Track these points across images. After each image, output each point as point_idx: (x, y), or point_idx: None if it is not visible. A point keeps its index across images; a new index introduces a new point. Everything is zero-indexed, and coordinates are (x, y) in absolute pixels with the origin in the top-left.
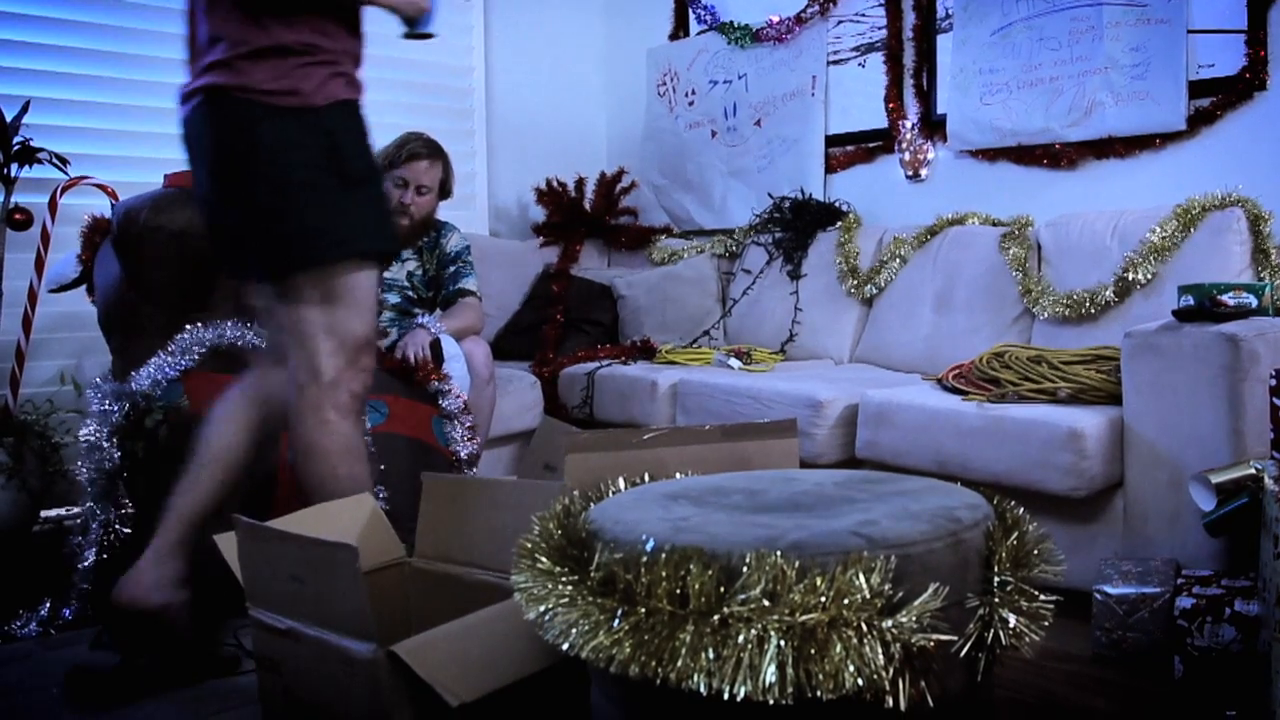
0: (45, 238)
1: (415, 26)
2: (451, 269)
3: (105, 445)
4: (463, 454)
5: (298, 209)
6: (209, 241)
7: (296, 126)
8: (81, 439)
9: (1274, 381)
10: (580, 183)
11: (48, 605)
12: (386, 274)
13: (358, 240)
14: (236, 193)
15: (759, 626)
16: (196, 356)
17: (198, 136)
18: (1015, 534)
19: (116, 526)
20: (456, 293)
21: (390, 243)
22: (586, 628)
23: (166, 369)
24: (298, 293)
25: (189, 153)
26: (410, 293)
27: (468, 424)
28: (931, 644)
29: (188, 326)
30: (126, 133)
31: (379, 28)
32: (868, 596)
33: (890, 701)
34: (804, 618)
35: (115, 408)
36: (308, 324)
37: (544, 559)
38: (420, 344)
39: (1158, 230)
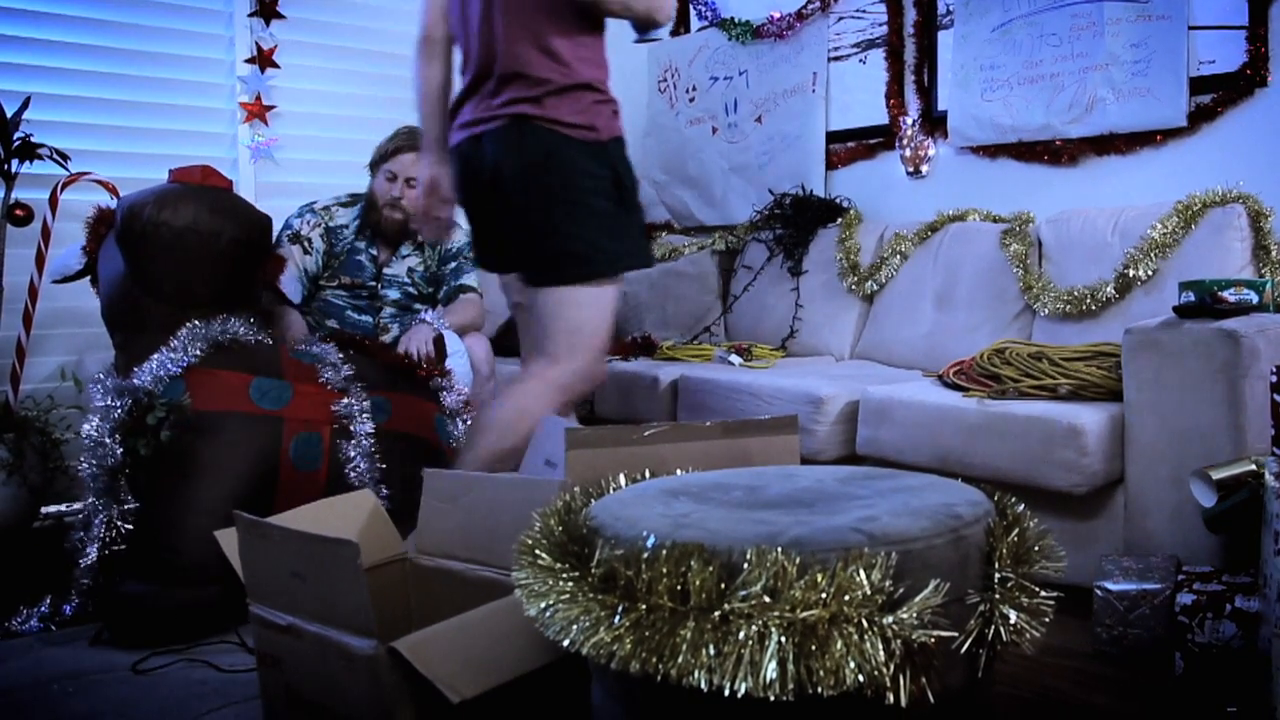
0: (46, 233)
1: (648, 31)
2: (453, 265)
3: (107, 441)
4: None
5: (589, 231)
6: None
7: (592, 158)
8: (84, 435)
9: (1275, 378)
10: None
11: (48, 601)
12: (387, 270)
13: (628, 259)
14: (528, 208)
15: (760, 623)
16: (199, 353)
17: (494, 155)
18: (1016, 530)
19: (118, 523)
20: (457, 289)
21: (646, 261)
22: (587, 624)
23: (169, 365)
24: (563, 295)
25: (467, 172)
26: (410, 289)
27: (470, 421)
28: (932, 640)
29: (190, 322)
30: (127, 129)
31: (378, 23)
32: (868, 593)
33: (891, 698)
34: (805, 614)
35: (118, 404)
36: (565, 321)
37: (545, 555)
38: (424, 340)
39: (1158, 227)
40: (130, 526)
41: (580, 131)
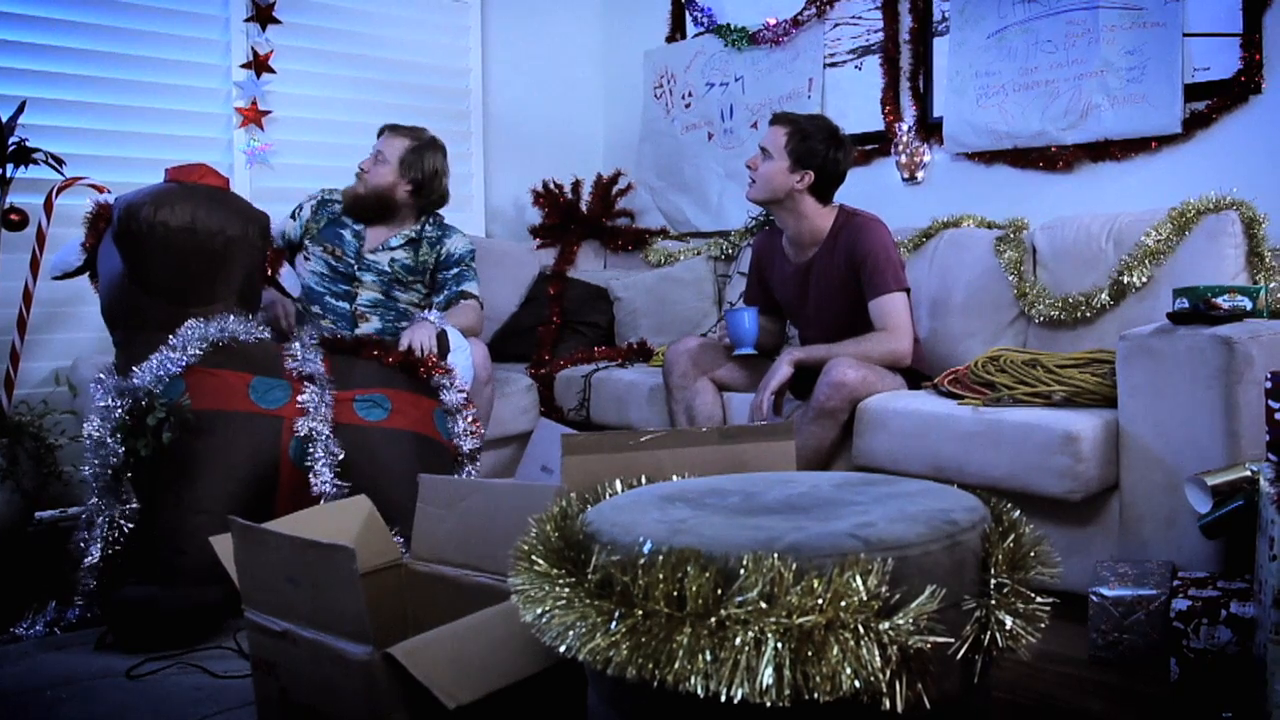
0: (41, 238)
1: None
2: (454, 271)
3: (109, 441)
4: (465, 448)
5: None
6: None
7: None
8: (85, 435)
9: (1269, 384)
10: (577, 185)
11: (53, 606)
12: (368, 254)
13: None
14: None
15: (756, 629)
16: (198, 352)
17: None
18: (1012, 536)
19: (121, 523)
20: (458, 294)
21: None
22: (584, 630)
23: (168, 364)
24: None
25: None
26: (389, 274)
27: (470, 417)
28: (928, 646)
29: (189, 321)
30: (122, 133)
31: (374, 29)
32: (865, 599)
33: (887, 704)
34: (801, 620)
35: (118, 404)
36: None
37: (541, 561)
38: (426, 335)
39: (1153, 233)
40: (133, 526)
41: None
